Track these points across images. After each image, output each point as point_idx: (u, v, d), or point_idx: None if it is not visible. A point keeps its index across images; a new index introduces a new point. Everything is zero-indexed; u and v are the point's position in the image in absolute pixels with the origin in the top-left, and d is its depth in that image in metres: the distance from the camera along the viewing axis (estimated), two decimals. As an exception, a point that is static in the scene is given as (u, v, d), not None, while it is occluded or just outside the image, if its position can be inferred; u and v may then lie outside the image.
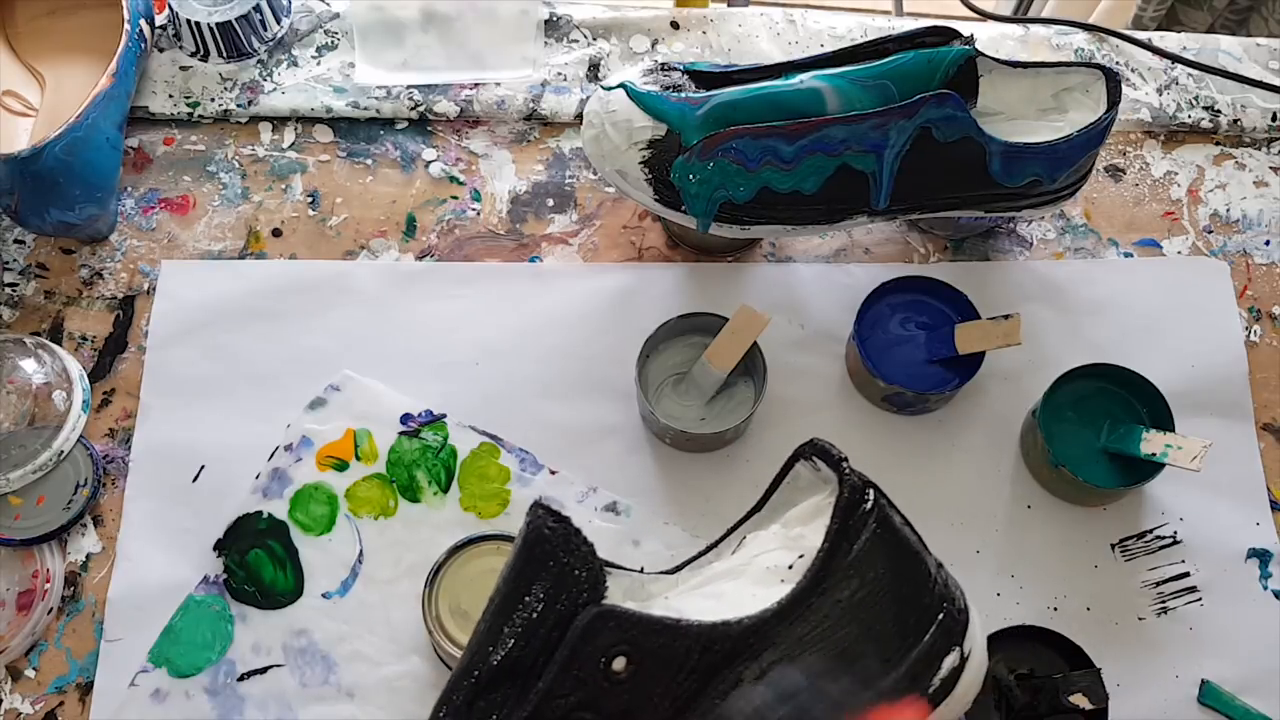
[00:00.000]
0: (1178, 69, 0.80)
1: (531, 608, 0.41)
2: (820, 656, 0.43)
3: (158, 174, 0.76)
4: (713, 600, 0.46)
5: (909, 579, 0.44)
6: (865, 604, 0.43)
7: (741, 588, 0.46)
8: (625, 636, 0.41)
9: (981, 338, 0.66)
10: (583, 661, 0.41)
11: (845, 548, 0.44)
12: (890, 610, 0.44)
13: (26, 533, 0.64)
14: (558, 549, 0.41)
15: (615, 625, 0.41)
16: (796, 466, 0.49)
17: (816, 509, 0.48)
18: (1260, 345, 0.73)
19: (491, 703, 0.41)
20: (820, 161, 0.63)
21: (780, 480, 0.49)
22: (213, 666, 0.63)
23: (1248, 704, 0.63)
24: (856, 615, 0.43)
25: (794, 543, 0.47)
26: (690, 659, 0.41)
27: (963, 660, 0.44)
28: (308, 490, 0.67)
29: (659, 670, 0.41)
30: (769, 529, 0.49)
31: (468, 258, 0.74)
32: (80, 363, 0.69)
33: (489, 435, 0.68)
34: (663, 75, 0.66)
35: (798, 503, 0.49)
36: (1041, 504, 0.68)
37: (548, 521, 0.42)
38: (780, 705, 0.42)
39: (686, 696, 0.42)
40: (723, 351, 0.65)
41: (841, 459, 0.46)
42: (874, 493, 0.45)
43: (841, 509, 0.44)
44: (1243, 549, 0.67)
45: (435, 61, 0.78)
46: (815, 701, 0.42)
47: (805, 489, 0.49)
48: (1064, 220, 0.76)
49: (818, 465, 0.48)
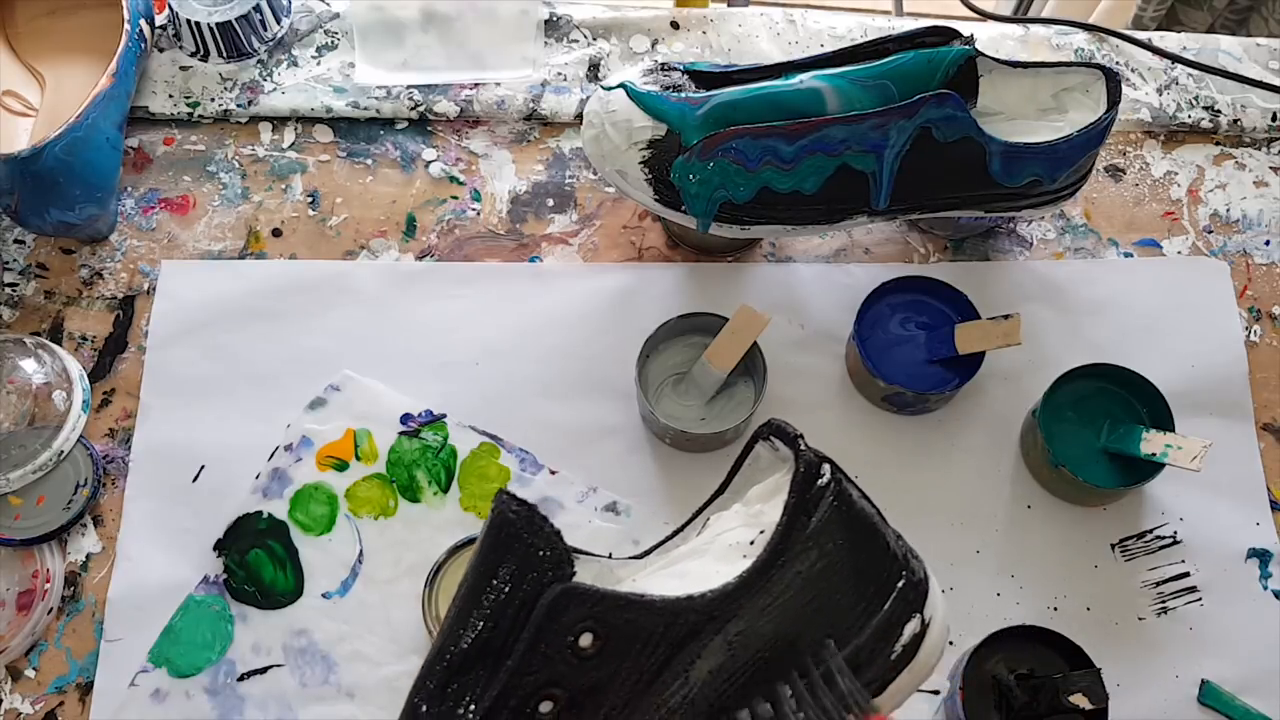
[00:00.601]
0: (1178, 69, 0.80)
1: (499, 589, 0.42)
2: (783, 624, 0.44)
3: (158, 174, 0.76)
4: (677, 579, 0.47)
5: (867, 550, 0.46)
6: (824, 574, 0.44)
7: (705, 565, 0.47)
8: (591, 613, 0.42)
9: (981, 338, 0.66)
10: (549, 639, 0.41)
11: (803, 521, 0.45)
12: (850, 580, 0.45)
13: (26, 533, 0.64)
14: (521, 530, 0.42)
15: (580, 602, 0.42)
16: (756, 448, 0.50)
17: (776, 486, 0.49)
18: (1260, 345, 0.73)
19: (464, 684, 0.42)
20: (820, 161, 0.63)
21: (741, 462, 0.50)
22: (213, 666, 0.63)
23: (1248, 704, 0.63)
24: (816, 584, 0.44)
25: (755, 519, 0.49)
26: (656, 633, 0.42)
27: (923, 627, 0.46)
28: (308, 490, 0.67)
29: (626, 646, 0.42)
30: (731, 509, 0.50)
31: (468, 258, 0.74)
32: (80, 363, 0.69)
33: (489, 435, 0.68)
34: (663, 75, 0.66)
35: (757, 482, 0.50)
36: (1041, 504, 0.68)
37: (511, 505, 0.42)
38: (743, 670, 0.43)
39: (654, 670, 0.42)
40: (723, 351, 0.65)
41: (797, 436, 0.47)
42: (829, 468, 0.46)
43: (798, 483, 0.45)
44: (1243, 549, 0.67)
45: (435, 61, 0.78)
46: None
47: (765, 469, 0.50)
48: (1064, 220, 0.76)
49: (776, 445, 0.49)
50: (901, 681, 0.45)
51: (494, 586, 0.42)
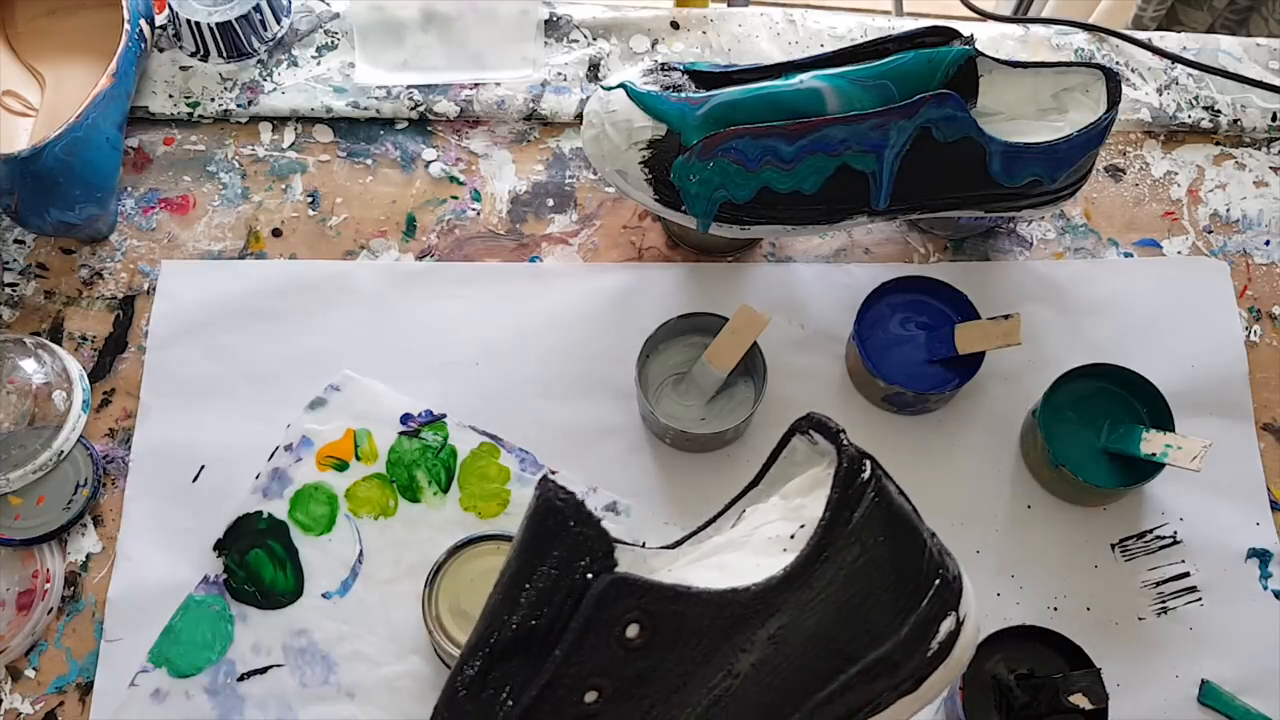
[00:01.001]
0: (1178, 69, 0.80)
1: (546, 576, 0.42)
2: (825, 620, 0.44)
3: (158, 174, 0.76)
4: (717, 571, 0.47)
5: (905, 547, 0.45)
6: (866, 570, 0.44)
7: (744, 558, 0.47)
8: (639, 604, 0.41)
9: (981, 338, 0.66)
10: (599, 629, 0.41)
11: (845, 516, 0.44)
12: (890, 576, 0.45)
13: (26, 533, 0.64)
14: (569, 518, 0.42)
15: (630, 592, 0.41)
16: (793, 441, 0.49)
17: (815, 481, 0.49)
18: (1260, 345, 0.73)
19: (505, 673, 0.41)
20: (820, 161, 0.63)
21: (777, 455, 0.50)
22: (213, 666, 0.63)
23: (1248, 704, 0.63)
24: (858, 581, 0.44)
25: (794, 513, 0.48)
26: (702, 625, 0.42)
27: (959, 624, 0.46)
28: (308, 490, 0.67)
29: (672, 637, 0.42)
30: (768, 501, 0.50)
31: (468, 258, 0.74)
32: (80, 363, 0.69)
33: (489, 435, 0.68)
34: (663, 75, 0.66)
35: (794, 476, 0.50)
36: (1041, 504, 0.68)
37: (559, 493, 0.42)
38: (785, 663, 0.43)
39: (697, 662, 0.42)
40: (723, 351, 0.65)
41: (839, 430, 0.46)
42: (870, 463, 0.46)
43: (841, 479, 0.45)
44: (1243, 549, 0.67)
45: (435, 61, 0.78)
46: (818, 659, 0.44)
47: (802, 462, 0.50)
48: (1064, 220, 0.76)
49: (814, 439, 0.48)
50: (936, 678, 0.46)
51: (540, 574, 0.42)
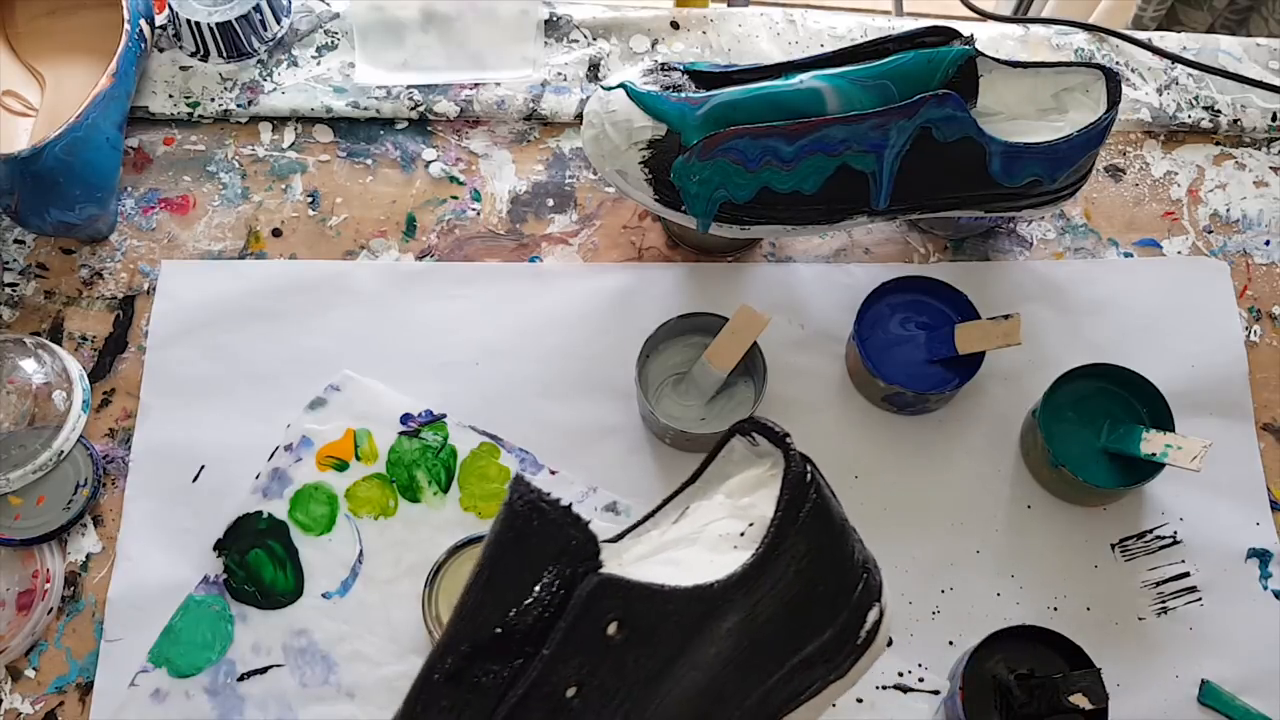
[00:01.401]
0: (1178, 69, 0.80)
1: (531, 574, 0.42)
2: (776, 613, 0.47)
3: (158, 174, 0.76)
4: (671, 567, 0.49)
5: (840, 544, 0.49)
6: (810, 566, 0.48)
7: (698, 554, 0.50)
8: (622, 603, 0.43)
9: (981, 338, 0.66)
10: (585, 627, 0.42)
11: (794, 515, 0.47)
12: (828, 571, 0.48)
13: (26, 533, 0.64)
14: (555, 518, 0.42)
15: (615, 592, 0.43)
16: (733, 441, 0.52)
17: (759, 480, 0.51)
18: (1260, 345, 0.73)
19: (486, 669, 0.42)
20: (820, 161, 0.63)
21: (715, 454, 0.52)
22: (213, 666, 0.63)
23: (1248, 704, 0.63)
24: (804, 575, 0.47)
25: (743, 512, 0.51)
26: (673, 621, 0.44)
27: (881, 614, 0.50)
28: (308, 490, 0.67)
29: (648, 634, 0.43)
30: (713, 499, 0.52)
31: (468, 258, 0.74)
32: (80, 363, 0.69)
33: (489, 435, 0.68)
34: (663, 75, 0.66)
35: (732, 475, 0.52)
36: (1041, 504, 0.68)
37: (541, 495, 0.42)
38: (741, 654, 0.46)
39: (668, 656, 0.44)
40: (723, 351, 0.65)
41: (785, 435, 0.49)
42: (810, 466, 0.49)
43: (790, 481, 0.47)
44: (1243, 549, 0.67)
45: (435, 61, 0.78)
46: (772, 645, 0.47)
47: (739, 462, 0.52)
48: (1064, 220, 0.76)
49: (755, 440, 0.51)
50: (862, 663, 0.49)
51: (526, 573, 0.42)
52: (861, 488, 0.68)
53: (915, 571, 0.66)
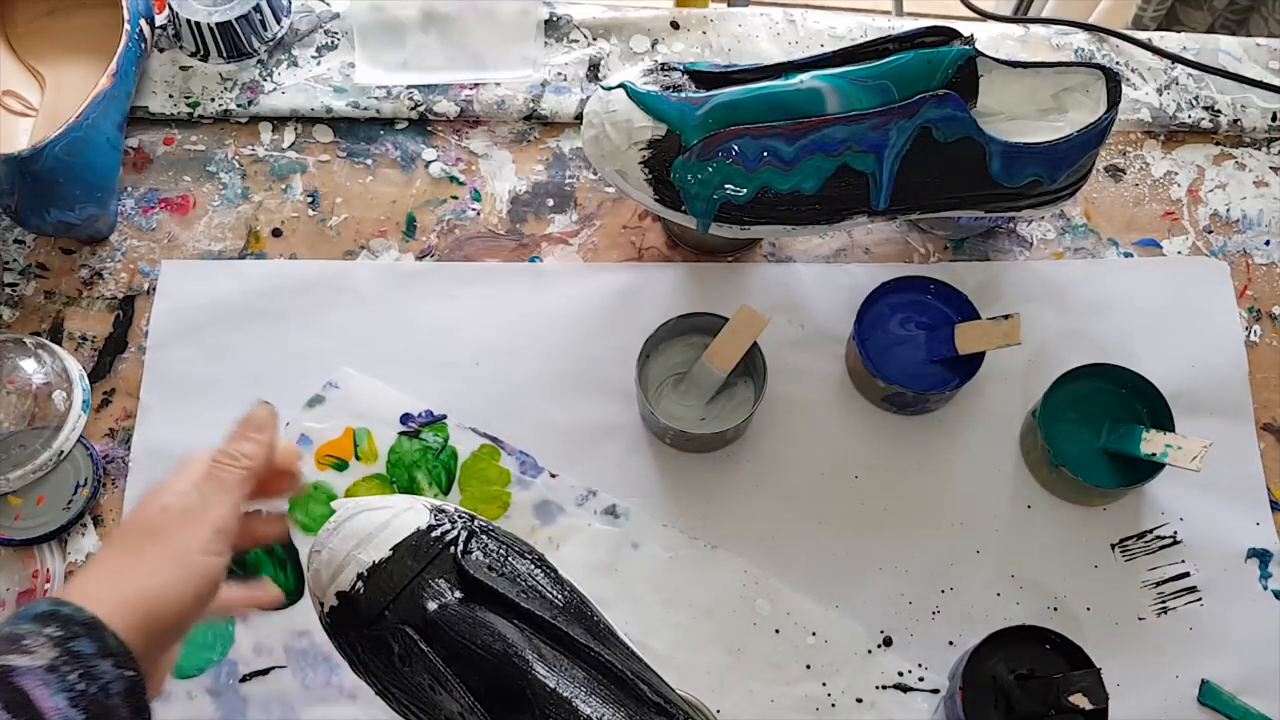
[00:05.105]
0: (1178, 69, 0.80)
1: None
2: None
3: (158, 174, 0.76)
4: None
5: None
6: None
7: None
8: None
9: (981, 338, 0.66)
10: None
11: None
12: None
13: (26, 533, 0.64)
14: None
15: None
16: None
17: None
18: (1260, 345, 0.73)
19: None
20: (820, 161, 0.63)
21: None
22: (214, 667, 0.63)
23: (1248, 704, 0.63)
24: None
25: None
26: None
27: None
28: (307, 490, 0.67)
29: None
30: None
31: (468, 258, 0.74)
32: (80, 363, 0.69)
33: (489, 437, 0.68)
34: (663, 75, 0.66)
35: None
36: (1041, 504, 0.68)
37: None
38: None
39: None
40: (723, 351, 0.65)
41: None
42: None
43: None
44: (1243, 549, 0.67)
45: (435, 61, 0.78)
46: None
47: None
48: (1064, 220, 0.76)
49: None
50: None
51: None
52: (861, 488, 0.68)
53: (915, 571, 0.66)
